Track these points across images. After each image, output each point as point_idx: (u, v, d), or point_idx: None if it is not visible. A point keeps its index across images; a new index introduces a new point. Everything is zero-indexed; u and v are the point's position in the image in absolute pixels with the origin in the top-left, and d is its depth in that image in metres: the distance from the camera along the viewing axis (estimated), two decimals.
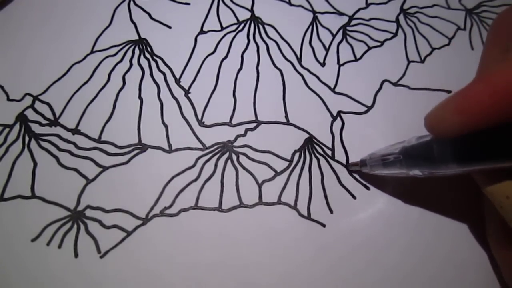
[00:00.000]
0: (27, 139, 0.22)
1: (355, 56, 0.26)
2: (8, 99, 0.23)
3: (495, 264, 0.21)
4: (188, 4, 0.26)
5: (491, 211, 0.20)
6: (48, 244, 0.20)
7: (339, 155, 0.23)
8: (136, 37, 0.25)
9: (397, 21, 0.27)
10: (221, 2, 0.27)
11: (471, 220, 0.22)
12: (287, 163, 0.22)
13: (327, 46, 0.26)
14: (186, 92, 0.24)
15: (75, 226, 0.20)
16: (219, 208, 0.21)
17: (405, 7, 0.28)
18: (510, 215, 0.17)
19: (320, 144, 0.23)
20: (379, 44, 0.26)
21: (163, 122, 0.23)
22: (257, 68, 0.25)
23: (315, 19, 0.27)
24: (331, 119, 0.24)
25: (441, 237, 0.21)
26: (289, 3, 0.27)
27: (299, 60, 0.25)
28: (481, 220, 0.21)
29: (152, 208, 0.21)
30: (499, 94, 0.15)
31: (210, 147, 0.22)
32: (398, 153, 0.19)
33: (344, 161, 0.23)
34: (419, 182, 0.21)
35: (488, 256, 0.21)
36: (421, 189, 0.22)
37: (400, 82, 0.25)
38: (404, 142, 0.19)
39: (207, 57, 0.25)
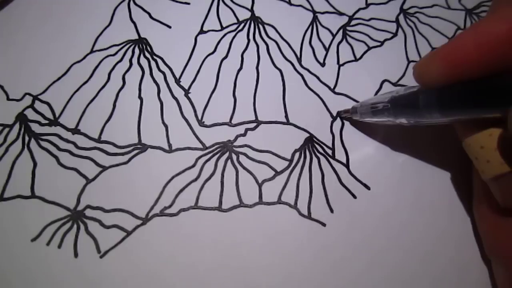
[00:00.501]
0: (27, 138, 0.22)
1: (355, 56, 0.26)
2: (8, 99, 0.23)
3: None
4: (188, 3, 0.26)
5: (477, 182, 0.21)
6: (48, 244, 0.20)
7: (340, 154, 0.23)
8: (136, 37, 0.25)
9: (397, 21, 0.27)
10: (221, 1, 0.26)
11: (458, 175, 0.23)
12: (287, 162, 0.22)
13: (327, 46, 0.26)
14: (186, 92, 0.24)
15: (75, 226, 0.20)
16: (219, 208, 0.21)
17: (405, 7, 0.28)
18: (482, 165, 0.17)
19: (320, 143, 0.23)
20: (379, 44, 0.26)
21: (163, 122, 0.23)
22: (257, 68, 0.25)
23: (315, 19, 0.27)
24: (331, 119, 0.24)
25: (446, 241, 0.21)
26: (289, 3, 0.27)
27: (299, 60, 0.25)
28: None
29: (152, 208, 0.21)
30: (484, 45, 0.15)
31: (210, 147, 0.22)
32: (387, 102, 0.20)
33: (344, 161, 0.23)
34: (406, 132, 0.23)
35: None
36: (408, 138, 0.23)
37: (400, 82, 0.25)
38: (393, 91, 0.20)
39: (207, 57, 0.25)
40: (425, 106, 0.18)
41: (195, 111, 0.23)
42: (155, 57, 0.24)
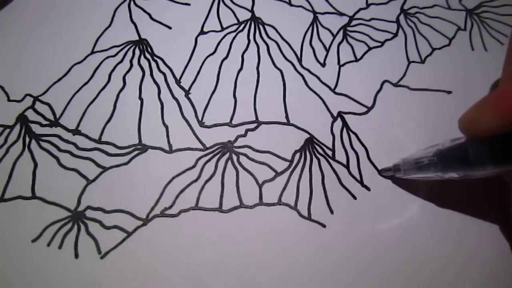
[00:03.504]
0: (27, 139, 0.22)
1: (355, 56, 0.26)
2: (9, 100, 0.23)
3: None
4: (188, 4, 0.26)
5: None
6: (48, 244, 0.20)
7: (340, 155, 0.23)
8: (137, 38, 0.25)
9: (397, 21, 0.27)
10: (221, 2, 0.27)
11: (487, 219, 0.22)
12: (287, 163, 0.22)
13: (327, 46, 0.26)
14: (187, 93, 0.24)
15: (76, 226, 0.20)
16: (219, 209, 0.21)
17: (405, 7, 0.28)
18: None
19: (320, 144, 0.23)
20: (379, 44, 0.26)
21: (163, 123, 0.23)
22: (257, 68, 0.25)
23: (315, 19, 0.27)
24: (332, 119, 0.24)
25: (446, 237, 0.21)
26: (290, 4, 0.27)
27: (300, 60, 0.25)
28: (499, 219, 0.21)
29: (152, 209, 0.21)
30: None
31: (211, 147, 0.22)
32: (433, 156, 0.19)
33: (344, 162, 0.23)
34: (449, 186, 0.21)
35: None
36: (450, 192, 0.22)
37: (401, 83, 0.25)
38: (438, 145, 0.19)
39: (207, 57, 0.25)
40: (476, 158, 0.17)
41: (195, 111, 0.23)
42: (155, 57, 0.24)
